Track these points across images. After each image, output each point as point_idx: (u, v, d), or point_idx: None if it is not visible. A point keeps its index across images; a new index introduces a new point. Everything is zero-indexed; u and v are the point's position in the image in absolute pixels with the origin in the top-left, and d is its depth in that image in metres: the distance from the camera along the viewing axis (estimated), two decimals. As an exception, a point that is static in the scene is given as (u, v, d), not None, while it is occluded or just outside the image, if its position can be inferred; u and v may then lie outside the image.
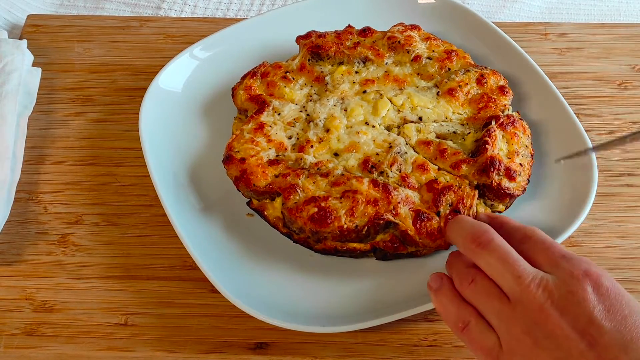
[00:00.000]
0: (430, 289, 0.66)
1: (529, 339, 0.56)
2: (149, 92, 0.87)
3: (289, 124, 0.83)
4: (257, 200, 0.78)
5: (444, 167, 0.76)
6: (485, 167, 0.73)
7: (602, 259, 0.78)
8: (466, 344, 0.61)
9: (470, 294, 0.62)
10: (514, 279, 0.58)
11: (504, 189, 0.73)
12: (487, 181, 0.73)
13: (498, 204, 0.75)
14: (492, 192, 0.74)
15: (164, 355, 0.72)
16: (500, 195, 0.74)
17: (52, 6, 1.13)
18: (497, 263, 0.60)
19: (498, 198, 0.74)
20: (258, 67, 0.89)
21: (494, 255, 0.60)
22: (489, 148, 0.75)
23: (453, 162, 0.76)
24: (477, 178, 0.74)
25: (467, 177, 0.75)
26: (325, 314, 0.71)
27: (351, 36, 0.91)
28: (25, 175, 0.87)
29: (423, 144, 0.78)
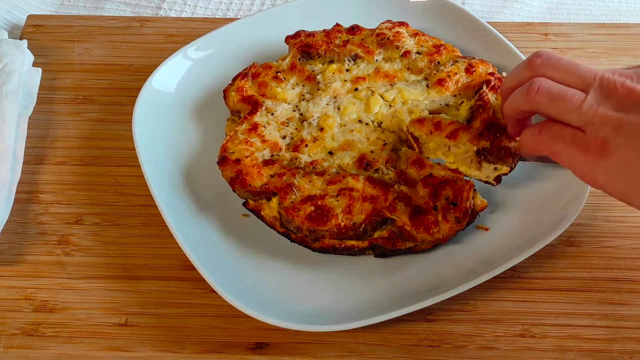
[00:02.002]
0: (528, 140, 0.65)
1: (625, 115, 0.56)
2: (143, 92, 0.88)
3: (282, 123, 0.83)
4: (253, 201, 0.79)
5: (440, 139, 0.75)
6: (482, 130, 0.72)
7: (602, 259, 0.78)
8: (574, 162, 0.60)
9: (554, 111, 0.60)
10: (584, 73, 0.59)
11: (504, 148, 0.71)
12: (486, 144, 0.71)
13: (502, 166, 0.73)
14: (494, 154, 0.72)
15: (164, 355, 0.72)
16: (503, 156, 0.72)
17: (52, 6, 1.13)
18: (562, 68, 0.60)
19: (501, 160, 0.72)
20: (248, 68, 0.89)
21: (554, 66, 0.61)
22: (483, 111, 0.73)
23: (449, 132, 0.74)
24: (475, 143, 0.72)
25: (466, 144, 0.73)
26: (324, 313, 0.72)
27: (340, 34, 0.92)
28: (25, 175, 0.87)
29: (417, 123, 0.76)
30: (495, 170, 0.74)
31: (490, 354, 0.71)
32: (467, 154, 0.73)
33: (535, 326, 0.73)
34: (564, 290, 0.76)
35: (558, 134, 0.60)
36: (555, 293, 0.76)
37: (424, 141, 0.76)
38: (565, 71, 0.60)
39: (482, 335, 0.73)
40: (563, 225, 0.74)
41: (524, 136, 0.65)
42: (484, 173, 0.74)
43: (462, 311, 0.74)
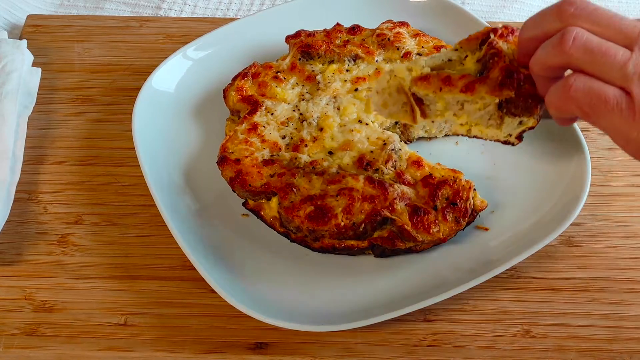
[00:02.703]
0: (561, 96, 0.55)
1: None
2: (143, 92, 0.88)
3: (282, 123, 0.83)
4: (253, 201, 0.79)
5: (452, 95, 0.65)
6: (503, 79, 0.63)
7: (602, 259, 0.78)
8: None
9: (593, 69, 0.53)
10: (627, 28, 0.52)
11: (532, 96, 0.62)
12: (510, 94, 0.62)
13: (528, 119, 0.65)
14: (519, 105, 0.63)
15: (164, 355, 0.72)
16: (529, 106, 0.63)
17: (52, 6, 1.13)
18: (600, 19, 0.53)
19: (527, 110, 0.63)
20: (248, 68, 0.89)
21: (590, 17, 0.53)
22: (499, 59, 0.64)
23: (464, 86, 0.64)
24: (497, 94, 0.63)
25: (485, 97, 0.64)
26: (324, 313, 0.72)
27: (340, 34, 0.92)
28: (25, 175, 0.87)
29: (421, 80, 0.66)
30: (520, 125, 0.65)
31: (490, 354, 0.71)
32: (485, 110, 0.65)
33: (535, 326, 0.73)
34: (564, 290, 0.76)
35: (596, 94, 0.52)
36: (555, 293, 0.76)
37: (431, 101, 0.67)
38: (604, 24, 0.52)
39: (482, 335, 0.73)
40: (563, 225, 0.74)
41: (551, 94, 0.56)
42: (504, 131, 0.66)
43: (462, 311, 0.74)
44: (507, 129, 0.66)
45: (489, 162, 0.85)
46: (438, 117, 0.68)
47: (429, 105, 0.67)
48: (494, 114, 0.65)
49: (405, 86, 0.67)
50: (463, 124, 0.68)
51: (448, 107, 0.67)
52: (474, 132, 0.68)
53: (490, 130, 0.67)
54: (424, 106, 0.68)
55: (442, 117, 0.68)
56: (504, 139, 0.67)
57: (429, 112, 0.68)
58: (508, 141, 0.68)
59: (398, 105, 0.68)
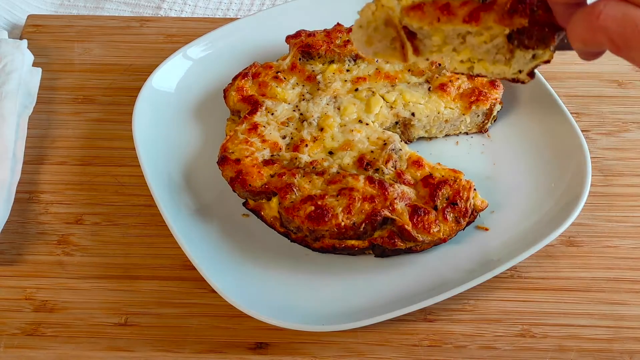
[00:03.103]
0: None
1: None
2: (143, 92, 0.88)
3: (282, 123, 0.83)
4: (253, 201, 0.79)
5: (453, 27, 0.54)
6: (513, 4, 0.52)
7: (602, 259, 0.78)
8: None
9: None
10: None
11: (548, 24, 0.52)
12: (523, 22, 0.52)
13: (544, 51, 0.54)
14: (533, 35, 0.53)
15: (164, 355, 0.72)
16: (545, 36, 0.53)
17: (52, 6, 1.13)
18: None
19: (542, 41, 0.53)
20: (249, 68, 0.89)
21: None
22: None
23: (467, 14, 0.53)
24: (507, 23, 0.53)
25: (493, 27, 0.54)
26: (324, 313, 0.72)
27: (340, 34, 0.92)
28: (25, 175, 0.87)
29: (414, 10, 0.55)
30: (533, 60, 0.54)
31: (490, 354, 0.71)
32: (492, 43, 0.54)
33: (535, 326, 0.73)
34: (564, 290, 0.76)
35: (632, 22, 0.43)
36: (555, 293, 0.76)
37: (425, 35, 0.56)
38: None
39: (482, 335, 0.73)
40: (563, 226, 0.74)
41: (575, 24, 0.47)
42: (514, 66, 0.55)
43: (462, 311, 0.74)
44: (517, 64, 0.55)
45: (489, 162, 0.85)
46: (434, 54, 0.57)
47: (423, 39, 0.56)
48: (503, 48, 0.54)
49: (394, 18, 0.56)
50: (464, 61, 0.57)
51: (447, 41, 0.56)
52: (477, 70, 0.57)
53: (497, 66, 0.56)
54: (417, 41, 0.56)
55: (439, 52, 0.56)
56: (513, 76, 0.56)
57: (422, 47, 0.57)
58: (517, 79, 0.56)
59: (385, 41, 0.57)
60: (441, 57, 0.57)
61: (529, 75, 0.55)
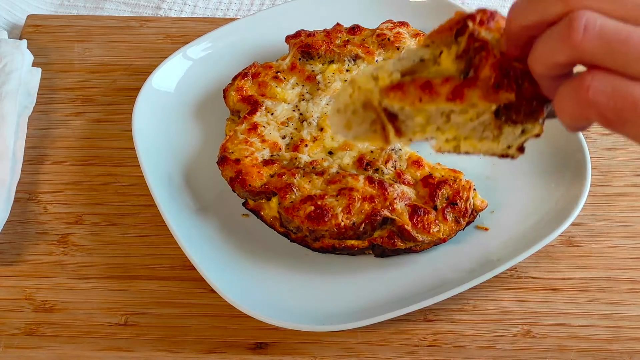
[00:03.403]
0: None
1: None
2: (143, 92, 0.88)
3: (282, 123, 0.83)
4: (253, 201, 0.79)
5: (436, 106, 0.50)
6: (497, 79, 0.49)
7: (602, 259, 0.78)
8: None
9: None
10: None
11: (536, 97, 0.49)
12: (510, 97, 0.49)
13: (533, 125, 0.50)
14: (521, 110, 0.50)
15: (164, 355, 0.72)
16: (533, 110, 0.49)
17: (52, 6, 1.13)
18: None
19: (530, 115, 0.50)
20: (248, 68, 0.89)
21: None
22: (487, 54, 0.49)
23: (450, 92, 0.50)
24: (493, 99, 0.49)
25: (478, 104, 0.50)
26: (324, 313, 0.72)
27: (340, 34, 0.92)
28: (25, 175, 0.87)
29: (394, 90, 0.51)
30: (523, 134, 0.51)
31: (490, 354, 0.71)
32: (479, 120, 0.51)
33: (535, 326, 0.73)
34: (564, 290, 0.76)
35: (622, 96, 0.40)
36: (555, 293, 0.76)
37: (407, 116, 0.52)
38: (620, 1, 0.41)
39: (482, 335, 0.73)
40: (563, 226, 0.74)
41: (562, 99, 0.43)
42: (503, 142, 0.52)
43: (462, 311, 0.74)
44: (506, 140, 0.52)
45: (489, 162, 0.85)
46: (417, 134, 0.53)
47: (405, 120, 0.52)
48: (490, 124, 0.51)
49: (373, 100, 0.52)
50: (449, 140, 0.53)
51: (430, 121, 0.52)
52: (464, 148, 0.53)
53: (485, 143, 0.52)
54: (399, 122, 0.53)
55: (422, 133, 0.52)
56: (502, 152, 0.53)
57: (405, 128, 0.53)
58: (507, 154, 0.53)
59: (365, 124, 0.53)
60: (425, 137, 0.53)
61: (519, 150, 0.52)
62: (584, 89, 0.41)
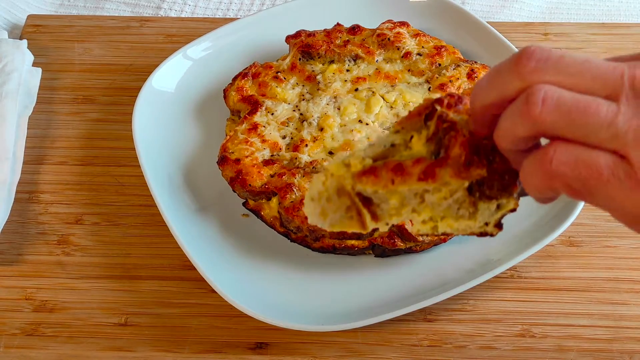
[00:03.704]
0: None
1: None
2: (143, 92, 0.88)
3: (282, 123, 0.83)
4: (253, 201, 0.79)
5: (409, 187, 0.49)
6: (468, 156, 0.48)
7: (602, 259, 0.78)
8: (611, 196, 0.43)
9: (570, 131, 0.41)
10: (605, 72, 0.41)
11: (508, 172, 0.48)
12: (482, 173, 0.48)
13: (508, 200, 0.50)
14: (494, 184, 0.49)
15: (164, 355, 0.72)
16: (506, 184, 0.49)
17: (52, 6, 1.13)
18: (569, 68, 0.41)
19: (504, 189, 0.49)
20: (249, 68, 0.89)
21: (556, 67, 0.42)
22: (456, 134, 0.49)
23: (421, 172, 0.49)
24: (465, 176, 0.49)
25: (451, 182, 0.49)
26: (324, 313, 0.72)
27: (340, 34, 0.92)
28: (25, 175, 0.87)
29: (366, 175, 0.50)
30: (498, 210, 0.51)
31: (490, 354, 0.71)
32: (453, 198, 0.50)
33: (535, 326, 0.73)
34: (564, 290, 0.76)
35: (585, 165, 0.41)
36: (555, 293, 0.76)
37: (381, 199, 0.51)
38: (576, 72, 0.41)
39: (482, 335, 0.73)
40: (563, 226, 0.74)
41: (527, 172, 0.44)
42: (480, 220, 0.52)
43: (462, 311, 0.74)
44: (482, 217, 0.51)
45: (489, 162, 0.85)
46: (394, 217, 0.52)
47: (380, 204, 0.52)
48: (465, 202, 0.50)
49: (346, 185, 0.51)
50: (426, 221, 0.52)
51: (405, 203, 0.51)
52: (442, 228, 0.52)
53: (462, 222, 0.52)
54: (374, 206, 0.52)
55: (398, 216, 0.52)
56: (480, 230, 0.52)
57: (380, 212, 0.52)
58: (485, 232, 0.52)
59: (340, 211, 0.53)
60: (401, 219, 0.52)
61: (497, 226, 0.52)
62: (547, 161, 0.42)
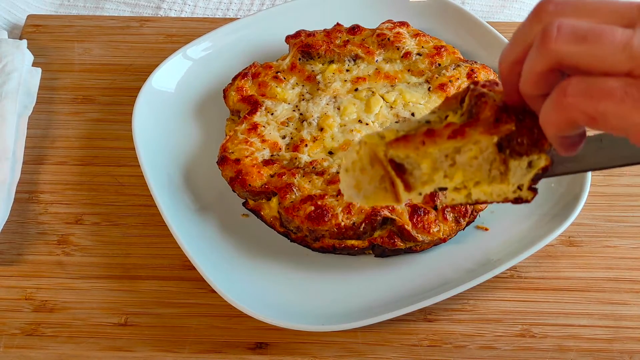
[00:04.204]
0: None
1: None
2: (143, 92, 0.88)
3: (282, 123, 0.83)
4: (253, 201, 0.79)
5: (439, 148, 0.50)
6: (497, 114, 0.49)
7: (602, 259, 0.78)
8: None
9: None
10: (621, 7, 0.42)
11: (538, 126, 0.47)
12: (510, 127, 0.49)
13: (539, 156, 0.49)
14: (524, 139, 0.49)
15: (164, 355, 0.72)
16: (535, 138, 0.49)
17: (52, 6, 1.13)
18: (587, 6, 0.43)
19: (534, 145, 0.49)
20: (249, 68, 0.89)
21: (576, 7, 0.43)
22: (487, 100, 0.50)
23: (452, 131, 0.50)
24: (493, 132, 0.49)
25: (480, 139, 0.49)
26: (324, 313, 0.72)
27: (340, 34, 0.92)
28: (25, 175, 0.87)
29: (398, 141, 0.51)
30: (530, 169, 0.51)
31: (490, 354, 0.71)
32: (483, 156, 0.50)
33: (535, 326, 0.73)
34: (564, 290, 0.76)
35: (598, 89, 0.41)
36: (555, 293, 0.76)
37: (413, 165, 0.52)
38: (593, 9, 0.42)
39: (482, 335, 0.73)
40: (563, 225, 0.74)
41: (545, 111, 0.44)
42: (512, 181, 0.51)
43: (462, 311, 0.74)
44: (514, 178, 0.51)
45: (489, 162, 0.85)
46: (426, 186, 0.52)
47: (412, 171, 0.52)
48: (495, 160, 0.51)
49: (379, 152, 0.52)
50: (459, 188, 0.52)
51: (436, 167, 0.52)
52: (476, 196, 0.53)
53: (495, 186, 0.52)
54: (406, 175, 0.52)
55: (431, 183, 0.52)
56: (514, 196, 0.52)
57: (413, 181, 0.52)
58: (520, 197, 0.52)
59: (374, 182, 0.53)
60: (434, 186, 0.52)
61: (531, 189, 0.52)
62: (562, 94, 0.42)
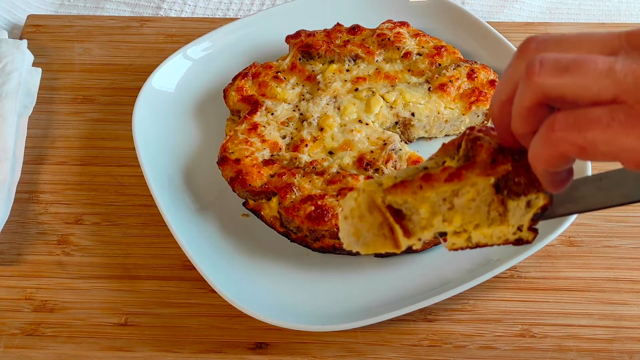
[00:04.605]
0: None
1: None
2: (143, 92, 0.88)
3: (282, 123, 0.83)
4: (253, 201, 0.79)
5: (436, 192, 0.50)
6: (493, 155, 0.50)
7: (602, 259, 0.78)
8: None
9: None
10: (602, 38, 0.42)
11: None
12: (506, 167, 0.49)
13: (537, 195, 0.49)
14: (521, 179, 0.49)
15: (164, 355, 0.72)
16: (532, 178, 0.49)
17: (52, 6, 1.13)
18: (569, 41, 0.43)
19: (531, 184, 0.49)
20: (249, 68, 0.89)
21: (558, 43, 0.43)
22: (482, 143, 0.50)
23: (448, 176, 0.50)
24: (492, 173, 0.49)
25: (477, 182, 0.49)
26: (324, 313, 0.72)
27: (340, 34, 0.92)
28: (25, 175, 0.87)
29: (396, 187, 0.52)
30: (529, 208, 0.50)
31: (490, 354, 0.71)
32: (480, 198, 0.50)
33: (535, 326, 0.73)
34: (564, 290, 0.76)
35: (584, 119, 0.41)
36: (555, 293, 0.76)
37: (412, 209, 0.52)
38: (575, 42, 0.43)
39: (482, 335, 0.73)
40: (563, 226, 0.74)
41: (534, 147, 0.44)
42: (512, 222, 0.51)
43: (462, 311, 0.74)
44: (514, 219, 0.51)
45: (489, 162, 0.85)
46: (425, 231, 0.52)
47: (411, 216, 0.52)
48: (493, 201, 0.51)
49: (377, 199, 0.52)
50: (459, 231, 0.52)
51: (435, 211, 0.52)
52: (476, 239, 0.53)
53: (495, 228, 0.52)
54: (405, 221, 0.53)
55: (430, 228, 0.52)
56: (515, 237, 0.52)
57: (412, 226, 0.53)
58: (521, 238, 0.52)
59: (373, 229, 0.54)
60: (433, 232, 0.53)
61: (532, 230, 0.52)
62: (550, 129, 0.42)
